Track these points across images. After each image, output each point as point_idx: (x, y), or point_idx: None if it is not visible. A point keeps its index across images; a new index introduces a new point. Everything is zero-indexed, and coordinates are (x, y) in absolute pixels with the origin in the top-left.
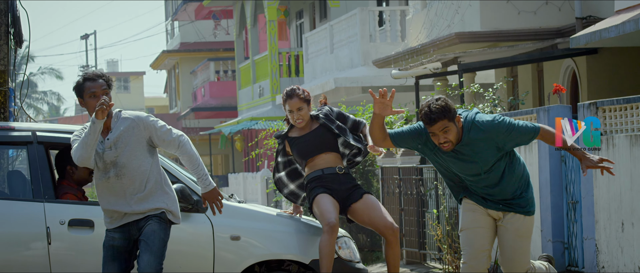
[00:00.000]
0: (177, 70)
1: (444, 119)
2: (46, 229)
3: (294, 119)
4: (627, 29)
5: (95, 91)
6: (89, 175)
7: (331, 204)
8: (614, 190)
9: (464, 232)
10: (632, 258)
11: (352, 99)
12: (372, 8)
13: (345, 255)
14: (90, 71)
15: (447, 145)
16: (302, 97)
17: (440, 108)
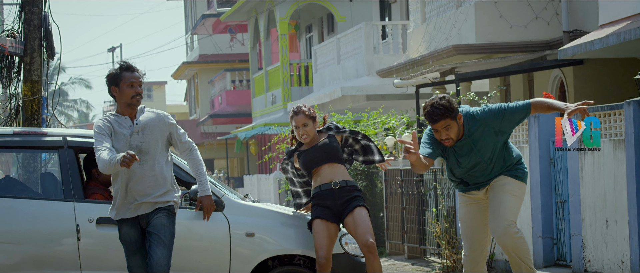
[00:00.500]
0: (196, 80)
1: (446, 118)
2: (76, 227)
3: (299, 134)
4: (610, 42)
5: (133, 81)
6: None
7: (323, 237)
8: (599, 190)
9: (462, 226)
10: (615, 252)
11: (357, 106)
12: (376, 22)
13: (351, 250)
14: (126, 62)
15: (448, 141)
16: (307, 114)
17: (442, 108)
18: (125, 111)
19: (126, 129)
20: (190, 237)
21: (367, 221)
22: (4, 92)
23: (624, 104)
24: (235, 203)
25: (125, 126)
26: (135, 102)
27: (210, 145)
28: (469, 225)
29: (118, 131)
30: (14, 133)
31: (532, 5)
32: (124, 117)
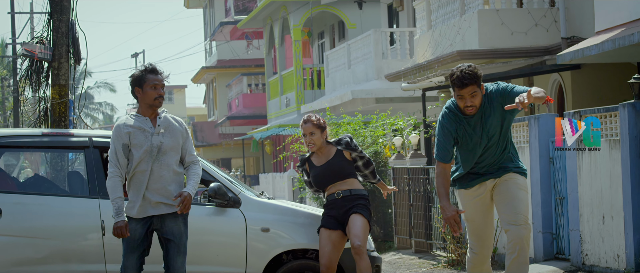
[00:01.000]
0: (215, 84)
1: (474, 84)
2: (101, 222)
3: (306, 142)
4: (606, 48)
5: (157, 83)
6: None
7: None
8: (596, 187)
9: (470, 224)
10: (611, 246)
11: (367, 108)
12: (384, 29)
13: None
14: (151, 64)
15: (472, 109)
16: (315, 123)
17: (472, 73)
18: (147, 112)
19: (148, 127)
20: (209, 232)
21: (358, 226)
22: (34, 95)
23: (619, 107)
24: (251, 200)
25: (146, 127)
26: (157, 103)
27: (228, 145)
28: (478, 223)
29: (137, 129)
30: (43, 133)
31: (532, 13)
32: (145, 118)
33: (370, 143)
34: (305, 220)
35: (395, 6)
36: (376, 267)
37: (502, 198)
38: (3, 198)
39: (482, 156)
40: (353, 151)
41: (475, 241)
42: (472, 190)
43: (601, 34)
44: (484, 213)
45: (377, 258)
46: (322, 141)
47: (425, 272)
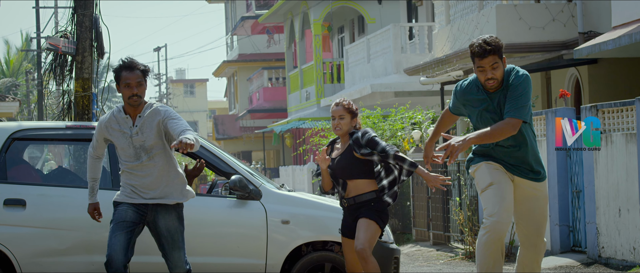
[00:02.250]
0: (236, 77)
1: (495, 54)
2: None
3: (333, 125)
4: (622, 42)
5: (129, 82)
6: None
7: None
8: (612, 180)
9: (496, 186)
10: (627, 239)
11: (386, 102)
12: (403, 24)
13: (381, 237)
14: (128, 59)
15: (492, 82)
16: (346, 107)
17: (493, 42)
18: (128, 109)
19: (127, 129)
20: (230, 224)
21: (362, 229)
22: (58, 88)
23: (636, 101)
24: (272, 193)
25: (126, 126)
26: (132, 102)
27: (249, 138)
28: (504, 186)
29: (118, 131)
30: (67, 126)
31: (549, 8)
32: (126, 116)
33: (389, 136)
34: (325, 212)
35: (414, 1)
36: (395, 259)
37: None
38: (27, 190)
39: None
40: (358, 147)
41: (492, 204)
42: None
43: (618, 29)
44: (510, 186)
45: (396, 250)
46: (349, 128)
47: (443, 263)
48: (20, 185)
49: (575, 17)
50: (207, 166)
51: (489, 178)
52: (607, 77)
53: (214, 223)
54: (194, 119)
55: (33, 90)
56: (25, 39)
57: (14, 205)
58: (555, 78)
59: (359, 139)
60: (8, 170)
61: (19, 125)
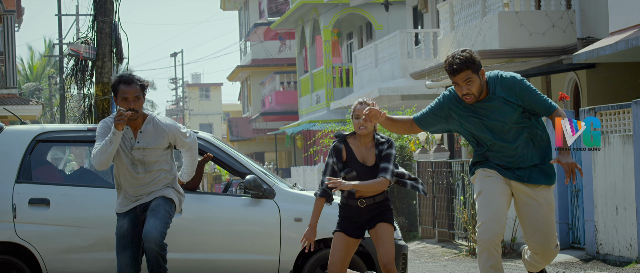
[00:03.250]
0: (249, 81)
1: (466, 70)
2: None
3: (357, 125)
4: (619, 48)
5: (127, 96)
6: None
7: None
8: (610, 180)
9: (483, 195)
10: (624, 236)
11: (393, 105)
12: (410, 30)
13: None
14: (126, 74)
15: (469, 98)
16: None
17: (463, 58)
18: (129, 121)
19: (127, 141)
20: (245, 222)
21: (390, 240)
22: (79, 92)
23: (632, 104)
24: (285, 192)
25: (126, 138)
26: (129, 116)
27: (261, 140)
28: (492, 193)
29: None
30: (88, 129)
31: (549, 15)
32: (126, 127)
33: (396, 138)
34: (335, 210)
35: (420, 8)
36: (403, 255)
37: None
38: (51, 189)
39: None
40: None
41: (481, 211)
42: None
43: (615, 35)
44: (500, 191)
45: (404, 246)
46: (372, 130)
47: (448, 260)
48: (44, 185)
49: (574, 23)
50: (222, 167)
51: (479, 186)
52: (604, 81)
53: (230, 221)
54: (209, 121)
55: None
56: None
57: (38, 204)
58: (555, 82)
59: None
60: (33, 171)
61: (42, 128)
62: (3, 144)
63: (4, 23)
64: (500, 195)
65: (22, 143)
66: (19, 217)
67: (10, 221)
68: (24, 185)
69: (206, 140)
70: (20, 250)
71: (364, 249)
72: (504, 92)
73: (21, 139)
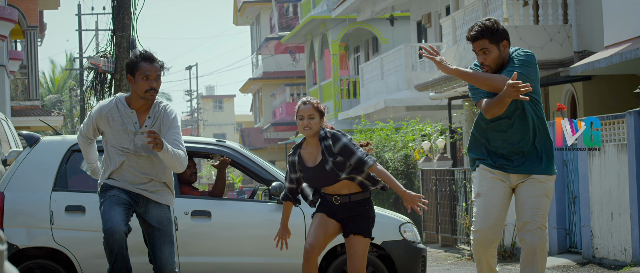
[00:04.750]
0: (261, 93)
1: (483, 39)
2: (174, 218)
3: (302, 125)
4: (614, 61)
5: (149, 73)
6: (190, 175)
7: (317, 226)
8: (605, 187)
9: (481, 199)
10: (619, 240)
11: (398, 115)
12: (414, 44)
13: (409, 237)
14: (146, 51)
15: (485, 68)
16: (316, 106)
17: (483, 26)
18: (137, 103)
19: (131, 125)
20: (271, 227)
21: (358, 255)
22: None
23: (626, 114)
24: None
25: (129, 122)
26: (148, 96)
27: (272, 149)
28: (489, 199)
29: (118, 125)
30: None
31: (547, 30)
32: (131, 110)
33: (401, 147)
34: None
35: (424, 23)
36: (422, 258)
37: (524, 201)
38: (86, 197)
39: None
40: (330, 155)
41: (478, 215)
42: (494, 170)
43: (610, 48)
44: (499, 196)
45: (423, 249)
46: (319, 129)
47: (451, 264)
48: (79, 193)
49: (571, 37)
50: (249, 174)
51: (478, 188)
52: (600, 92)
53: (257, 226)
54: (222, 131)
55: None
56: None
57: (74, 211)
58: (552, 93)
59: (331, 147)
60: (68, 179)
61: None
62: (40, 154)
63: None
64: (499, 200)
65: (58, 153)
66: (56, 223)
67: (47, 227)
68: (61, 192)
69: (234, 149)
70: (58, 254)
71: (386, 252)
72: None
73: (57, 149)
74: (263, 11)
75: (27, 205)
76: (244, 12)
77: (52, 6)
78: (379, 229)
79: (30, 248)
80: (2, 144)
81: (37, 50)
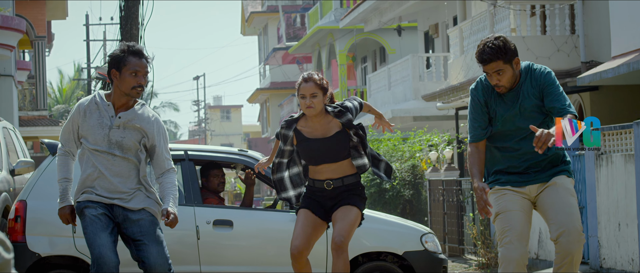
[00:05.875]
0: (268, 103)
1: (497, 60)
2: (196, 228)
3: (304, 105)
4: (621, 71)
5: (138, 69)
6: (217, 185)
7: (303, 226)
8: (612, 197)
9: (503, 215)
10: (626, 251)
11: (405, 126)
12: (421, 54)
13: (431, 248)
14: (135, 45)
15: (500, 89)
16: (318, 83)
17: (495, 48)
18: (119, 100)
19: (107, 119)
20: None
21: (347, 220)
22: None
23: (634, 124)
24: None
25: (106, 116)
26: (134, 94)
27: None
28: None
29: (95, 119)
30: None
31: (554, 40)
32: (108, 104)
33: (409, 157)
34: (379, 225)
35: (431, 33)
36: (443, 268)
37: (551, 204)
38: None
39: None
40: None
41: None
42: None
43: (617, 59)
44: (521, 209)
45: (444, 260)
46: (322, 107)
47: None
48: None
49: (578, 48)
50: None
51: (496, 208)
52: (607, 102)
53: (280, 236)
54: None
55: None
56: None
57: None
58: None
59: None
60: None
61: None
62: None
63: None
64: (520, 212)
65: None
66: (78, 232)
67: (70, 235)
68: None
69: (256, 159)
70: (79, 263)
71: (407, 262)
72: (530, 82)
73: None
74: (271, 21)
75: (50, 214)
76: (251, 22)
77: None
78: (401, 239)
79: (52, 256)
80: (10, 154)
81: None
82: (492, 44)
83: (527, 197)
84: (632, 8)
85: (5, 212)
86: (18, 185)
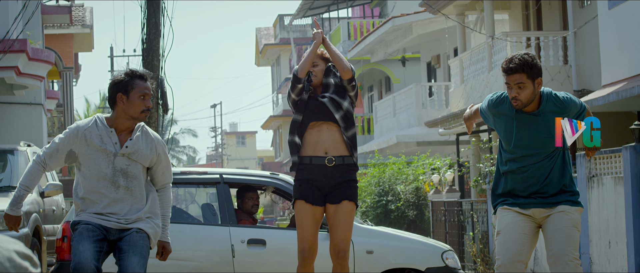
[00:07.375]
0: (281, 129)
1: (521, 73)
2: (231, 246)
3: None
4: (611, 99)
5: (146, 92)
6: (252, 207)
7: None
8: (603, 217)
9: (502, 235)
10: (616, 267)
11: (409, 150)
12: (424, 83)
13: (451, 264)
14: (137, 69)
15: (516, 103)
16: (319, 54)
17: (523, 60)
18: (122, 125)
19: (111, 146)
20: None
21: (347, 222)
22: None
23: (623, 149)
24: (358, 227)
25: (109, 142)
26: (142, 117)
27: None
28: (510, 233)
29: (97, 145)
30: (182, 172)
31: (548, 70)
32: (111, 129)
33: (412, 180)
34: (402, 243)
35: (433, 64)
36: None
37: (554, 231)
38: None
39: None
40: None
41: (499, 253)
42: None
43: (607, 87)
44: (518, 231)
45: None
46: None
47: None
48: None
49: (571, 77)
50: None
51: (498, 227)
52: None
53: None
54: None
55: None
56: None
57: None
58: None
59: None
60: None
61: None
62: None
63: (63, 78)
64: (518, 235)
65: None
66: None
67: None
68: None
69: (286, 181)
70: None
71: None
72: (555, 107)
73: None
74: (283, 53)
75: None
76: (265, 54)
77: (86, 49)
78: (423, 256)
79: None
80: None
81: (72, 89)
82: (520, 57)
83: (531, 220)
84: (621, 40)
85: (36, 232)
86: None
